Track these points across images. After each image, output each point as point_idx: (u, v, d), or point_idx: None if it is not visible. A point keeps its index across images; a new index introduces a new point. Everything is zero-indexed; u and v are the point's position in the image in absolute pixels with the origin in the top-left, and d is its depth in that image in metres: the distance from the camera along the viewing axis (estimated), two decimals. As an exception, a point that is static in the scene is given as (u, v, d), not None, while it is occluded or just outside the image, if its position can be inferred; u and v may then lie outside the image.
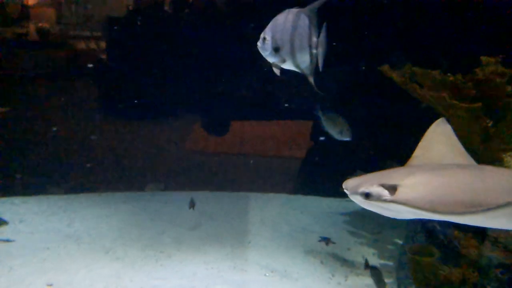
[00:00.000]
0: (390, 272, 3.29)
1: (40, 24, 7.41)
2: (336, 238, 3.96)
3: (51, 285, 2.94)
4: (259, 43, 2.34)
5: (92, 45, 7.46)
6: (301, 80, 2.61)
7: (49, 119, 5.81)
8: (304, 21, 2.31)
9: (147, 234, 3.92)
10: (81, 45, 7.38)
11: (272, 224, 4.30)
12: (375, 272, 2.92)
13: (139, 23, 6.53)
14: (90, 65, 6.99)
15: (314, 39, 2.33)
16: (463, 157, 2.26)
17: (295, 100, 5.34)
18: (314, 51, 2.34)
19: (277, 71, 2.43)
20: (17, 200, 4.61)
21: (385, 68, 3.12)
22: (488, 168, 1.99)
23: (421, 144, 2.39)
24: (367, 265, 3.13)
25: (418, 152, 2.35)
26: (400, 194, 1.77)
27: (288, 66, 2.40)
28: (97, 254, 3.47)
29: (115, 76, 6.46)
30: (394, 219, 1.91)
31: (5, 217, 4.09)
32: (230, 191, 5.16)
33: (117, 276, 3.13)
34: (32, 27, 7.49)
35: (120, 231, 3.93)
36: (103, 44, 7.38)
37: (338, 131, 3.94)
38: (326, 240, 3.88)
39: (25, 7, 7.50)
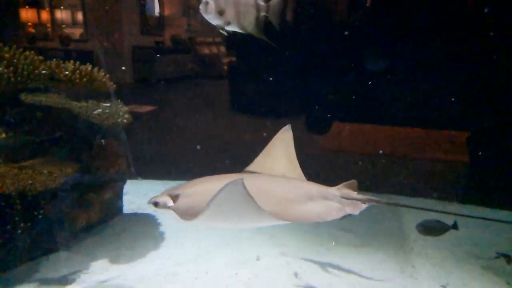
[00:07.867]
0: None
1: (173, 32, 8.40)
2: (516, 257, 3.44)
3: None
4: (201, 7, 2.42)
5: (214, 50, 8.21)
6: None
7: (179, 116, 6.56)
8: None
9: (301, 227, 4.03)
10: (205, 50, 8.23)
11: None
12: None
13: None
14: (213, 68, 7.78)
15: (261, 2, 2.44)
16: (291, 163, 2.53)
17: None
18: (262, 13, 2.45)
19: (223, 32, 2.53)
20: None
21: None
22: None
23: (264, 150, 2.56)
24: None
25: (257, 159, 2.55)
26: (176, 203, 1.99)
27: (232, 28, 2.49)
28: (262, 237, 3.70)
29: (235, 77, 6.95)
30: None
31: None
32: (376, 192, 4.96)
33: (286, 262, 3.29)
34: (167, 35, 8.53)
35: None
36: (222, 49, 8.12)
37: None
38: (507, 257, 3.38)
39: (162, 17, 8.58)
